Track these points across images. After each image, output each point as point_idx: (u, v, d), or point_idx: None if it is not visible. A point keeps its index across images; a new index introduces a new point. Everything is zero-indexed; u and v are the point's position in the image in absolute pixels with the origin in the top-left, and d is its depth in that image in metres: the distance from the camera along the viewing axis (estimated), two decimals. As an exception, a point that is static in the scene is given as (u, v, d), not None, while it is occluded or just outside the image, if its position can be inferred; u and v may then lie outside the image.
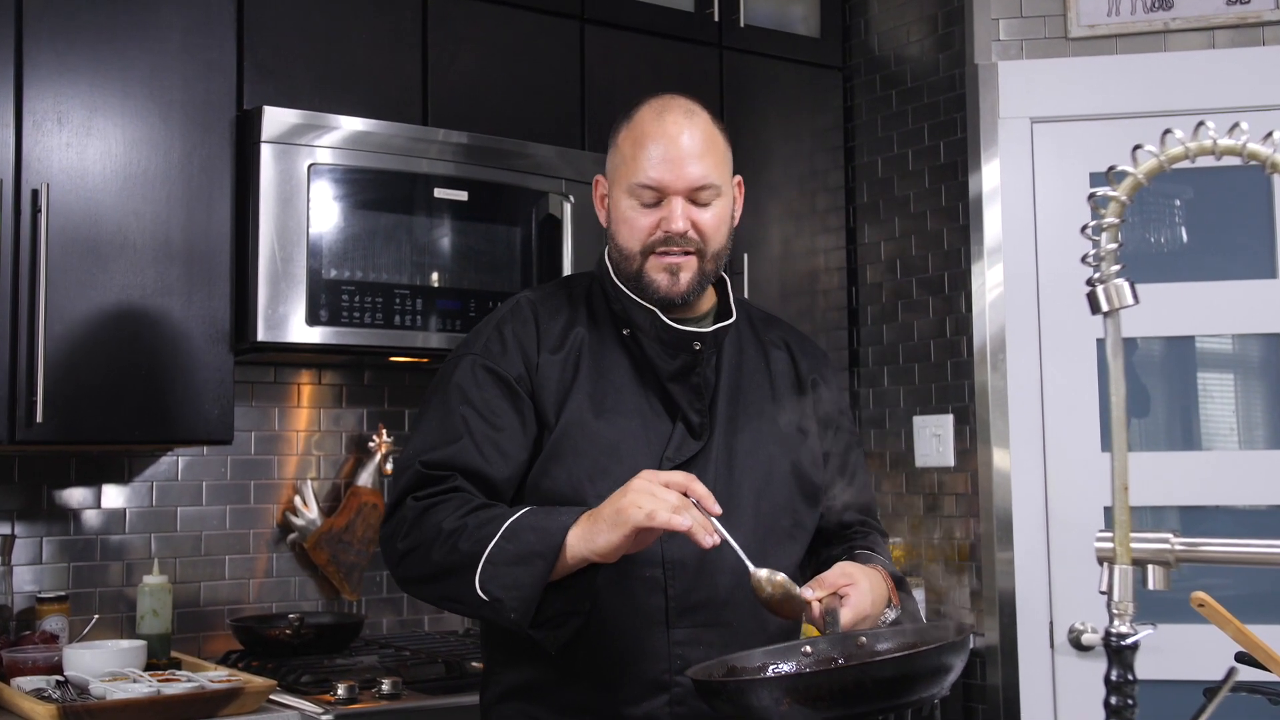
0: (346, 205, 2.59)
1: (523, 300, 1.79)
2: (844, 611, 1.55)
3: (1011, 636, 3.01)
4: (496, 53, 2.94)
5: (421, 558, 1.60)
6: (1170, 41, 3.07)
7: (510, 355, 1.71)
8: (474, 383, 1.70)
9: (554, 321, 1.75)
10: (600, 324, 1.76)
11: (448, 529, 1.57)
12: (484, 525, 1.55)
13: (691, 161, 1.67)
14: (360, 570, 2.96)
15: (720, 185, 1.71)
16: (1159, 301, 2.95)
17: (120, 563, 2.74)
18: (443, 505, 1.61)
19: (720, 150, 1.73)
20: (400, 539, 1.63)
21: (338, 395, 3.04)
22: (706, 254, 1.71)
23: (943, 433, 3.21)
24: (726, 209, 1.74)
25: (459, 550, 1.55)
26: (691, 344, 1.71)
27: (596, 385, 1.71)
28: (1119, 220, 1.11)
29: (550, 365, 1.71)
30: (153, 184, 2.47)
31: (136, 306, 2.44)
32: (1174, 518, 3.00)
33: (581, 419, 1.69)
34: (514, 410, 1.69)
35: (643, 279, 1.70)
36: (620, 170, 1.73)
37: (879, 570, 1.69)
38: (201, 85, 2.53)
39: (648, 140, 1.69)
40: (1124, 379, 1.09)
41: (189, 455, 2.84)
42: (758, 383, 1.81)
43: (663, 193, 1.68)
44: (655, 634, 1.65)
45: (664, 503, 1.44)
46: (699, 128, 1.71)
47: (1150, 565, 1.11)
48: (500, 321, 1.76)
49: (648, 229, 1.69)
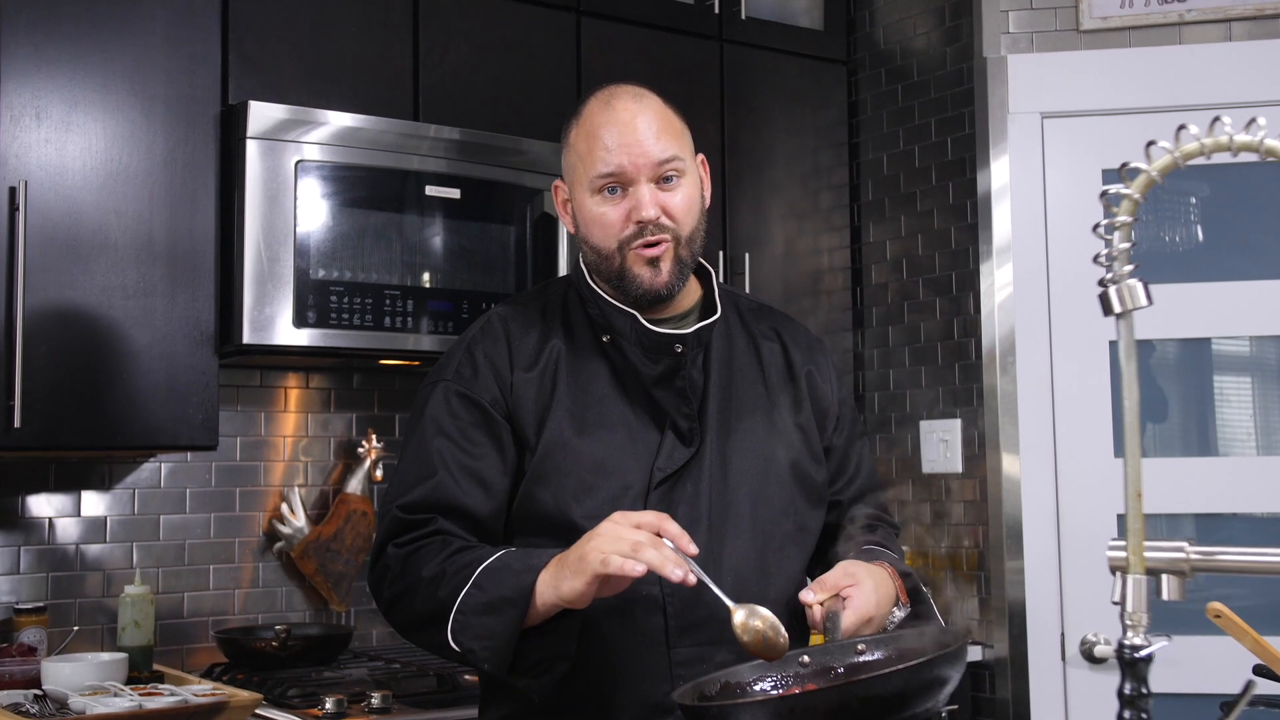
0: (335, 203, 2.59)
1: (493, 317, 1.78)
2: (846, 614, 1.53)
3: (1021, 648, 3.01)
4: (490, 45, 2.94)
5: (406, 607, 1.62)
6: (1185, 34, 3.07)
7: (483, 378, 1.70)
8: (447, 412, 1.69)
9: (527, 337, 1.74)
10: (577, 333, 1.75)
11: (427, 576, 1.59)
12: (459, 571, 1.56)
13: (649, 142, 1.66)
14: (349, 580, 2.96)
15: (683, 160, 1.69)
16: (1174, 302, 2.95)
17: (100, 572, 2.74)
18: (424, 551, 1.62)
19: (677, 128, 1.72)
20: (386, 587, 1.65)
21: (326, 399, 3.04)
22: (681, 238, 1.69)
23: (950, 438, 3.21)
24: (695, 189, 1.72)
25: (437, 598, 1.57)
26: (673, 347, 1.69)
27: (577, 399, 1.70)
28: (1132, 219, 1.11)
29: (526, 384, 1.70)
30: (134, 181, 2.47)
31: (118, 308, 2.43)
32: (1189, 526, 3.00)
33: (563, 437, 1.67)
34: (491, 437, 1.68)
35: (625, 276, 1.69)
36: (578, 168, 1.71)
37: (885, 568, 1.66)
38: (185, 79, 2.53)
39: (600, 129, 1.68)
40: (1137, 382, 1.09)
41: (172, 461, 2.84)
42: (750, 379, 1.79)
43: (626, 180, 1.66)
44: (655, 654, 1.64)
45: (625, 547, 1.43)
46: (650, 108, 1.70)
47: (1165, 575, 1.11)
48: (471, 343, 1.75)
49: (619, 223, 1.68)
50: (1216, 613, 1.33)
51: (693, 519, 1.66)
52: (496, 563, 1.55)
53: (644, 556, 1.42)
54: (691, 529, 1.63)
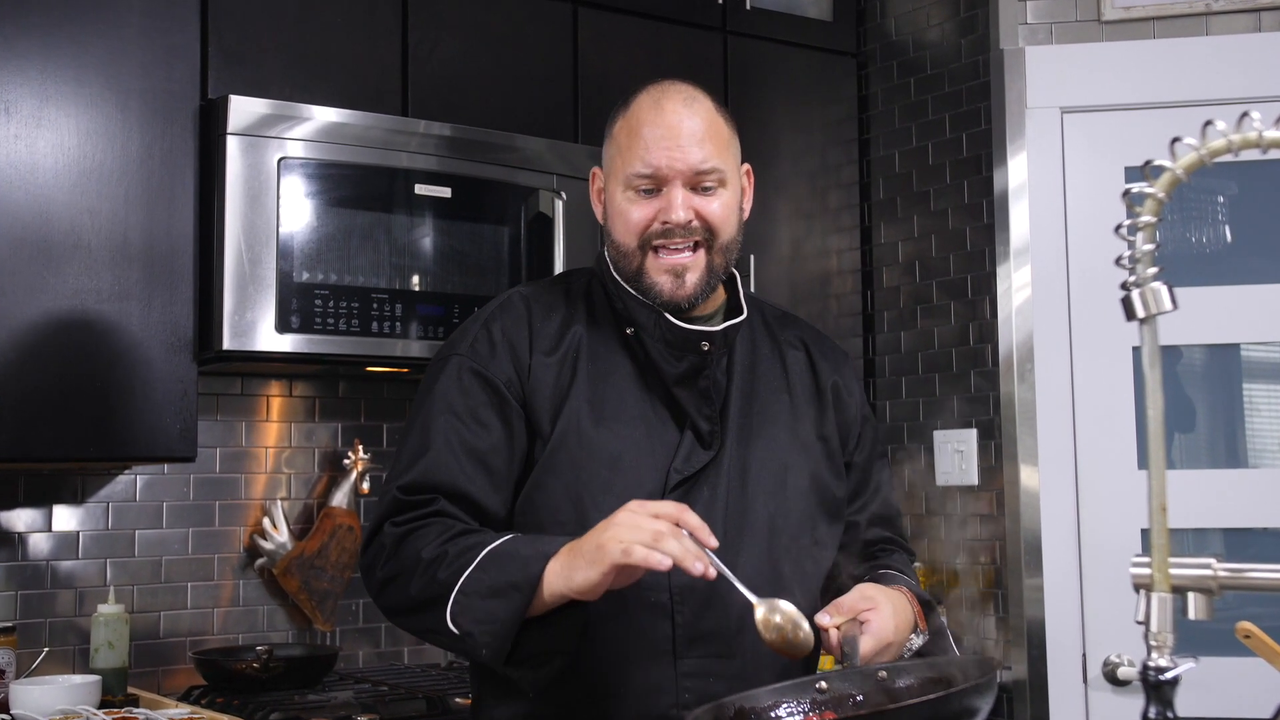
0: (320, 202, 2.59)
1: (515, 296, 1.78)
2: (864, 639, 1.54)
3: (1041, 670, 3.01)
4: (482, 37, 2.94)
5: (401, 588, 1.60)
6: (1212, 24, 3.07)
7: (499, 357, 1.70)
8: (459, 389, 1.69)
9: (549, 320, 1.74)
10: (601, 323, 1.75)
11: (427, 558, 1.57)
12: (463, 553, 1.55)
13: (691, 146, 1.67)
14: (334, 598, 2.95)
15: (725, 172, 1.70)
16: (1201, 307, 2.95)
17: (72, 590, 2.73)
18: (423, 531, 1.61)
19: (724, 136, 1.73)
20: (379, 567, 1.63)
21: (310, 408, 3.04)
22: (715, 245, 1.69)
23: (966, 449, 3.21)
24: (734, 198, 1.73)
25: (436, 580, 1.55)
26: (699, 344, 1.70)
27: (596, 390, 1.70)
28: (1156, 219, 1.11)
29: (544, 368, 1.70)
30: (109, 179, 2.47)
31: (91, 312, 2.43)
32: (1217, 541, 2.99)
33: (580, 427, 1.67)
34: (502, 420, 1.68)
35: (643, 280, 1.69)
36: (616, 161, 1.72)
37: (904, 592, 1.67)
38: (162, 72, 2.53)
39: (644, 127, 1.69)
40: (1162, 390, 1.09)
41: (148, 474, 2.84)
42: (773, 387, 1.80)
43: (661, 180, 1.67)
44: (661, 665, 1.64)
45: (646, 536, 1.43)
46: (699, 113, 1.71)
47: (1191, 593, 1.11)
48: (489, 318, 1.75)
49: (645, 221, 1.68)
50: (1246, 633, 1.33)
51: (708, 525, 1.66)
52: (504, 546, 1.54)
53: (666, 548, 1.42)
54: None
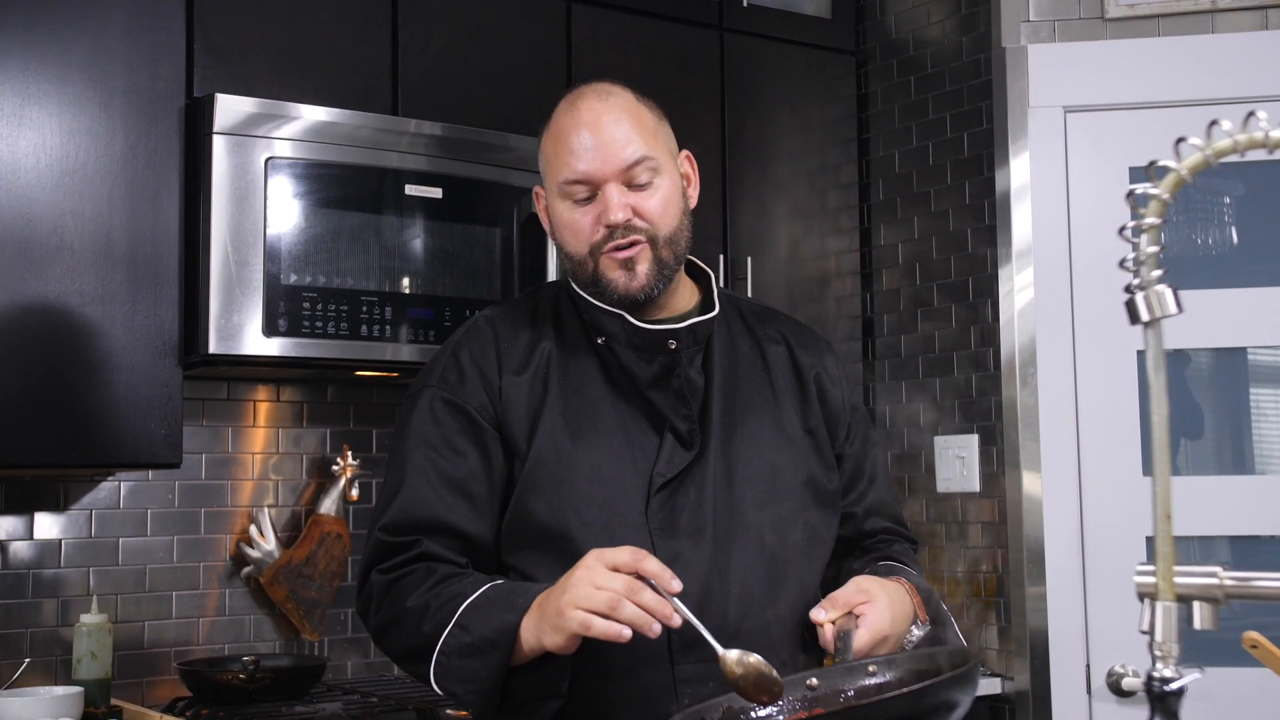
0: (308, 203, 2.59)
1: (480, 320, 1.81)
2: (860, 633, 1.55)
3: (1044, 680, 3.01)
4: (474, 34, 2.94)
5: (394, 637, 1.67)
6: (1219, 22, 3.08)
7: (469, 383, 1.72)
8: (431, 420, 1.72)
9: (516, 339, 1.76)
10: (570, 335, 1.77)
11: (411, 608, 1.63)
12: (444, 605, 1.60)
13: (615, 144, 1.68)
14: (323, 608, 2.95)
15: (656, 159, 1.71)
16: (1206, 310, 2.96)
17: (55, 600, 2.73)
18: (407, 579, 1.66)
19: (649, 124, 1.74)
20: (372, 615, 1.70)
21: (298, 413, 3.04)
22: (659, 239, 1.70)
23: (967, 454, 3.22)
24: (673, 188, 1.73)
25: (421, 633, 1.61)
26: (666, 343, 1.71)
27: (570, 403, 1.72)
28: (1161, 220, 1.11)
29: (516, 388, 1.72)
30: (93, 179, 2.47)
31: (74, 315, 2.43)
32: (1224, 549, 3.00)
33: (556, 443, 1.69)
34: (478, 446, 1.70)
35: (600, 282, 1.71)
36: (549, 173, 1.75)
37: (902, 583, 1.68)
38: (147, 70, 2.53)
39: (565, 133, 1.71)
40: (1166, 395, 1.10)
41: (132, 480, 2.83)
42: (755, 383, 1.81)
43: (593, 183, 1.69)
44: (658, 672, 1.65)
45: (601, 602, 1.46)
46: (617, 106, 1.72)
47: (1196, 602, 1.11)
48: (456, 346, 1.77)
49: (589, 228, 1.70)
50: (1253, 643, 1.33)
51: (697, 527, 1.68)
52: (480, 599, 1.59)
53: (623, 615, 1.46)
54: (696, 538, 1.66)
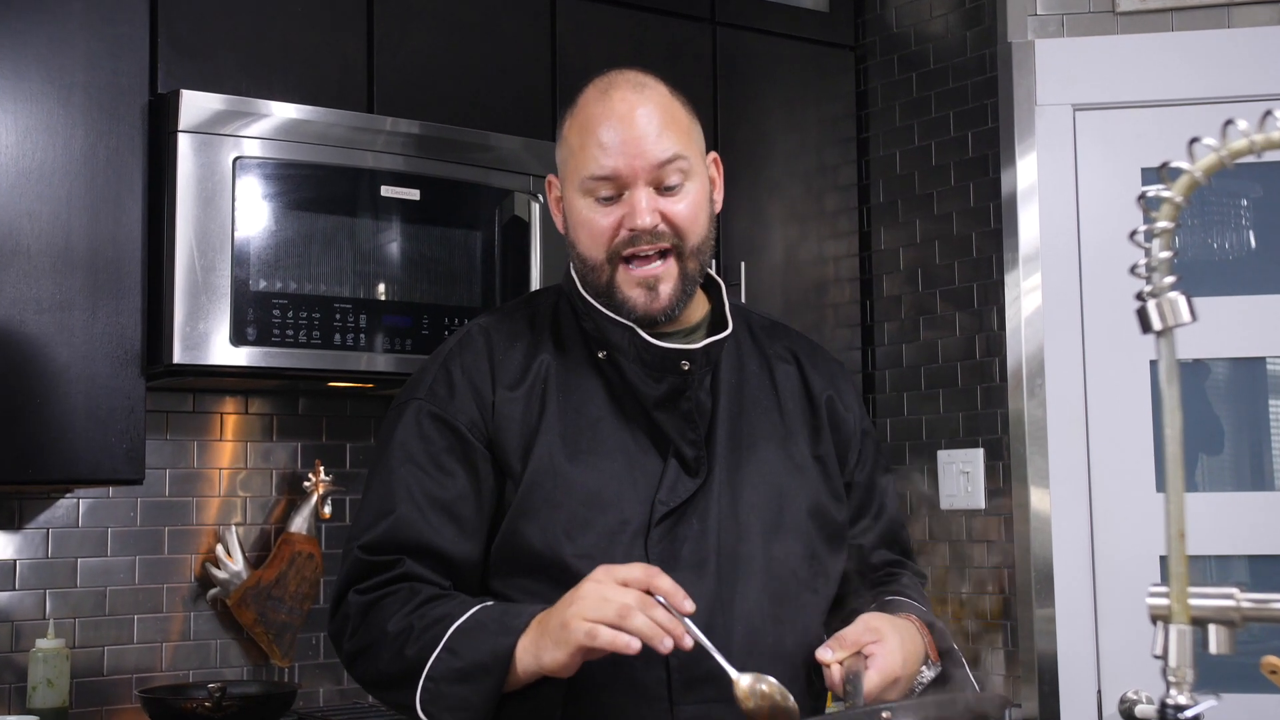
0: (278, 205, 2.59)
1: (474, 329, 1.78)
2: (869, 674, 1.54)
3: (1053, 707, 3.01)
4: (453, 29, 2.94)
5: (371, 662, 1.64)
6: (1234, 16, 3.09)
7: (460, 398, 1.70)
8: (418, 435, 1.70)
9: (512, 351, 1.74)
10: (569, 348, 1.75)
11: (392, 631, 1.60)
12: (430, 628, 1.57)
13: (648, 140, 1.66)
14: (293, 631, 2.94)
15: (689, 160, 1.69)
16: (1223, 318, 2.96)
17: (9, 624, 2.72)
18: (388, 600, 1.63)
19: (683, 123, 1.71)
20: (346, 639, 1.66)
21: (267, 427, 3.03)
22: (685, 250, 1.69)
23: (972, 469, 3.22)
24: (702, 193, 1.72)
25: (404, 657, 1.58)
26: (679, 364, 1.69)
27: (569, 422, 1.69)
28: (1173, 224, 1.11)
29: (510, 404, 1.70)
30: (50, 180, 2.46)
31: (30, 323, 2.42)
32: (1241, 569, 3.00)
33: (553, 464, 1.67)
34: (466, 465, 1.68)
35: (615, 295, 1.69)
36: (570, 165, 1.71)
37: (912, 621, 1.67)
38: (109, 65, 2.52)
39: (595, 124, 1.68)
40: (1180, 408, 1.09)
41: (91, 497, 2.82)
42: (763, 405, 1.79)
43: (621, 183, 1.66)
44: (657, 712, 1.63)
45: (611, 613, 1.44)
46: (653, 100, 1.69)
47: (1212, 625, 1.11)
48: (447, 357, 1.75)
49: (610, 230, 1.67)
50: (1272, 668, 1.32)
51: (699, 560, 1.66)
52: (470, 622, 1.56)
53: (633, 625, 1.43)
54: (698, 571, 1.64)
